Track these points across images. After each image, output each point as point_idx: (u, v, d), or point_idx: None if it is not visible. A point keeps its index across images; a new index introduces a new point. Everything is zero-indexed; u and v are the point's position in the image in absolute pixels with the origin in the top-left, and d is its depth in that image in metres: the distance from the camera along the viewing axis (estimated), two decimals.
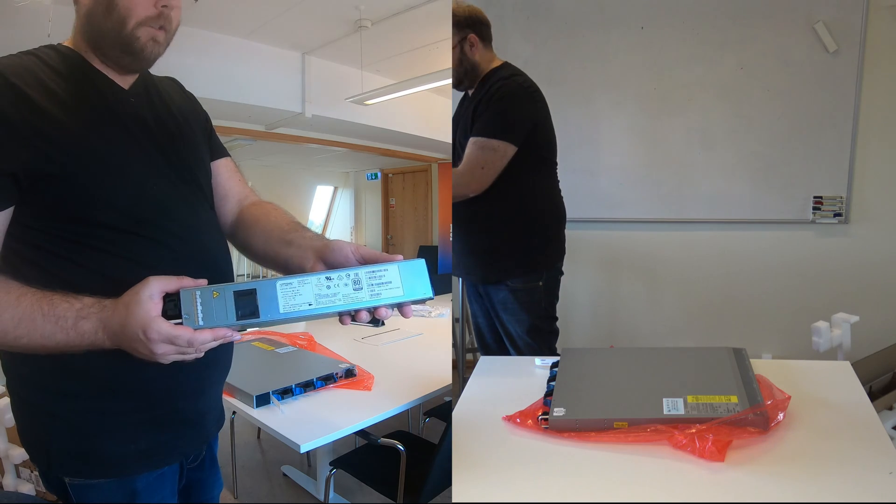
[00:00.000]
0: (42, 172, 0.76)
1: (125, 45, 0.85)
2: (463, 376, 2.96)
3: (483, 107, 1.59)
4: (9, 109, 0.74)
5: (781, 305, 2.81)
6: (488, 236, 1.63)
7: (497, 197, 1.60)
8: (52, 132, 0.77)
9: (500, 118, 1.56)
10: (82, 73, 0.86)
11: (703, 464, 0.97)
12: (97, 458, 0.83)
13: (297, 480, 2.39)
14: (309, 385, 1.61)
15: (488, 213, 1.62)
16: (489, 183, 1.57)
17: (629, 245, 2.95)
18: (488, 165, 1.56)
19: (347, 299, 0.76)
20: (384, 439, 1.63)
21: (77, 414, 0.82)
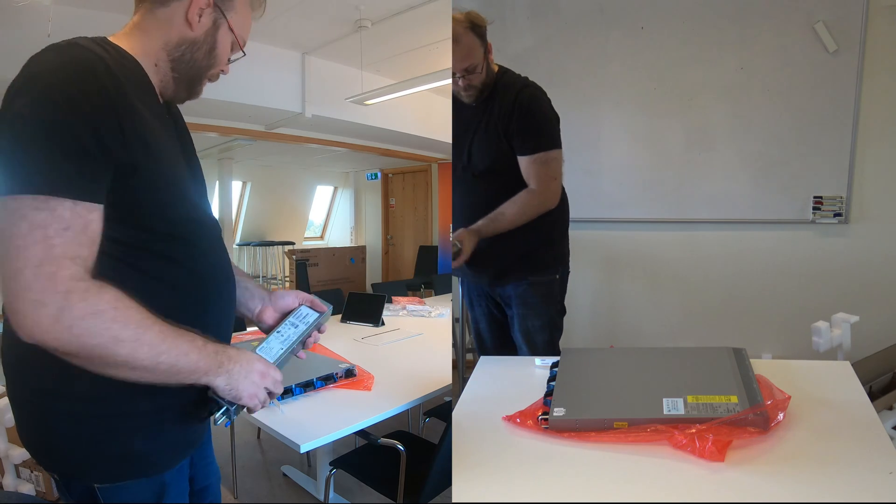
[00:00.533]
0: (130, 169, 0.75)
1: (199, 81, 0.95)
2: (463, 376, 2.96)
3: (525, 120, 1.58)
4: (114, 95, 0.74)
5: (781, 305, 2.81)
6: (524, 238, 1.63)
7: (515, 192, 1.64)
8: (143, 131, 0.77)
9: (548, 128, 1.61)
10: (145, 81, 0.88)
11: (703, 464, 0.97)
12: (130, 459, 0.82)
13: (297, 480, 2.39)
14: (309, 385, 1.61)
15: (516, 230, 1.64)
16: (560, 192, 1.66)
17: (629, 245, 2.95)
18: (559, 176, 1.64)
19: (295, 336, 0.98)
20: (384, 439, 1.63)
21: (108, 417, 0.80)
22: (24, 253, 0.65)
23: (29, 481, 2.10)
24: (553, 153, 1.61)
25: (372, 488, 1.68)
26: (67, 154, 0.68)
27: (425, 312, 3.00)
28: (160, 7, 0.89)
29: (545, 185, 1.62)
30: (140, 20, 0.91)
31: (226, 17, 0.93)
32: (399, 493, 1.57)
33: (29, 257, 0.65)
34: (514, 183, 1.62)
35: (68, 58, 0.75)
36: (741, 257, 2.85)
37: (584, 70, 2.82)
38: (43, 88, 0.72)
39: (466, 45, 1.57)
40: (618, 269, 2.99)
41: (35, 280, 0.65)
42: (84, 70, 0.73)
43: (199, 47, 0.92)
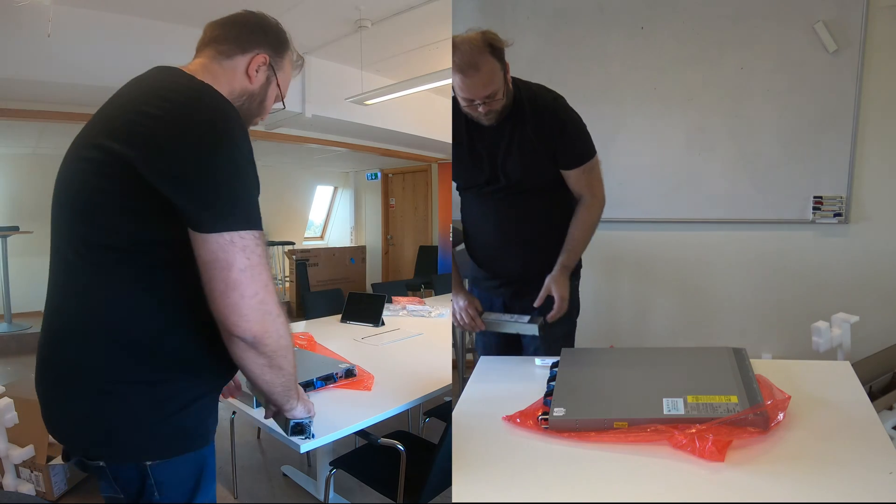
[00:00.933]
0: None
1: (247, 126, 1.04)
2: (463, 376, 2.96)
3: (567, 135, 1.54)
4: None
5: (781, 305, 2.81)
6: (551, 250, 1.60)
7: (561, 205, 1.62)
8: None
9: (586, 136, 1.58)
10: None
11: (703, 464, 0.97)
12: (178, 436, 0.91)
13: (297, 480, 2.39)
14: (309, 385, 1.61)
15: (560, 224, 1.61)
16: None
17: (629, 245, 2.95)
18: (602, 177, 1.64)
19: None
20: (384, 439, 1.63)
21: (162, 400, 0.88)
22: (260, 277, 0.85)
23: (29, 481, 2.10)
24: (595, 158, 1.60)
25: (372, 488, 1.67)
26: (256, 191, 0.89)
27: (425, 312, 3.00)
28: (226, 59, 1.03)
29: (599, 192, 1.61)
30: (208, 64, 1.03)
31: (276, 75, 1.09)
32: (399, 493, 1.57)
33: (263, 281, 0.86)
34: (560, 196, 1.61)
35: (222, 99, 0.92)
36: (741, 257, 2.85)
37: (584, 70, 2.82)
38: (233, 128, 0.88)
39: (487, 73, 1.42)
40: (618, 269, 2.99)
41: (268, 296, 0.86)
42: (236, 112, 0.92)
43: (255, 98, 1.07)
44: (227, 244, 0.83)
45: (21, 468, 2.09)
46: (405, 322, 2.79)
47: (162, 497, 0.91)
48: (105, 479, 0.93)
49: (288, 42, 1.13)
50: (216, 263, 0.83)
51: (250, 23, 1.08)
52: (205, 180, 0.83)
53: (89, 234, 0.86)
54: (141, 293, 0.87)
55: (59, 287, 0.92)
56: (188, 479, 0.93)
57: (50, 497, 2.12)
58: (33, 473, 2.11)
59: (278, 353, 0.91)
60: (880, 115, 2.60)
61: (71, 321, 0.89)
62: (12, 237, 5.07)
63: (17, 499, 1.41)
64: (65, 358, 0.89)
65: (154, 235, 0.85)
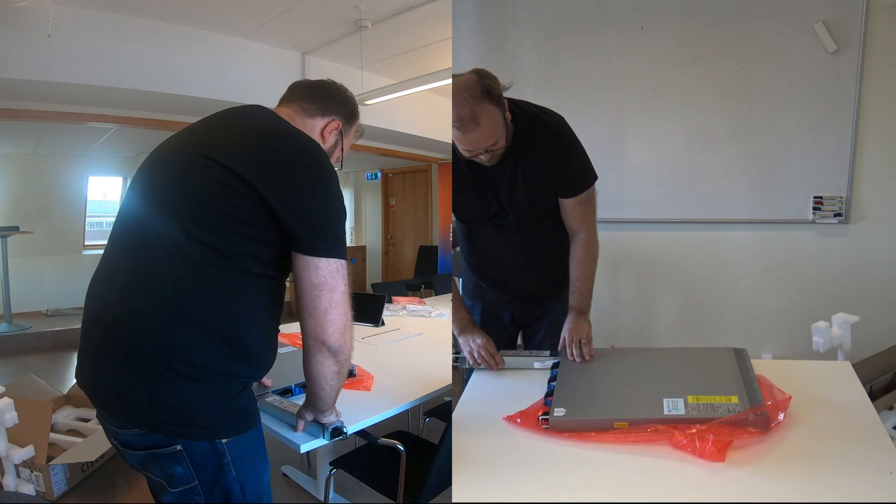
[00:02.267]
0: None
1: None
2: (463, 376, 2.96)
3: (565, 162, 1.47)
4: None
5: (781, 305, 2.81)
6: (560, 265, 1.58)
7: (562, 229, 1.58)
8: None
9: (585, 166, 1.51)
10: None
11: (703, 464, 0.97)
12: (243, 415, 1.05)
13: (297, 480, 2.39)
14: None
15: (566, 248, 1.58)
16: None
17: (629, 245, 2.95)
18: (596, 208, 1.58)
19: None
20: (384, 439, 1.63)
21: (235, 386, 1.03)
22: (349, 301, 1.06)
23: (29, 481, 2.10)
24: (593, 188, 1.53)
25: (372, 488, 1.67)
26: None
27: (425, 312, 2.99)
28: (308, 118, 1.21)
29: (593, 225, 1.55)
30: (293, 116, 1.19)
31: (343, 140, 1.27)
32: (399, 493, 1.57)
33: (350, 304, 1.07)
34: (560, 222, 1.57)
35: (313, 140, 1.13)
36: (741, 257, 2.85)
37: (584, 70, 2.82)
38: (335, 173, 1.09)
39: (487, 125, 1.30)
40: (618, 268, 2.99)
41: (351, 318, 1.08)
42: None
43: (335, 146, 1.27)
44: (334, 270, 1.03)
45: (21, 468, 2.09)
46: (405, 322, 2.79)
47: (237, 471, 1.03)
48: (181, 465, 1.00)
49: (358, 114, 1.31)
50: (325, 286, 1.02)
51: (333, 92, 1.26)
52: (321, 214, 1.03)
53: (203, 238, 0.98)
54: (230, 295, 1.01)
55: (136, 277, 1.01)
56: (253, 452, 1.07)
57: (50, 497, 2.12)
58: (33, 473, 2.11)
59: (345, 365, 1.12)
60: (880, 115, 2.60)
61: (159, 310, 0.98)
62: (12, 237, 5.06)
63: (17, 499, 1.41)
64: (147, 341, 0.97)
65: (254, 251, 1.01)
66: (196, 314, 0.98)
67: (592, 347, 1.40)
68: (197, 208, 1.00)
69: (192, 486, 1.01)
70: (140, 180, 1.11)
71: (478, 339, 1.50)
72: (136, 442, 1.01)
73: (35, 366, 4.10)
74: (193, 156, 1.05)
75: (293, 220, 1.00)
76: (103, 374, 1.00)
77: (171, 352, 0.96)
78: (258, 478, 1.08)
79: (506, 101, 1.37)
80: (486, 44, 2.85)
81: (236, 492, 1.03)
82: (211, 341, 0.99)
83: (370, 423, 1.44)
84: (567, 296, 1.54)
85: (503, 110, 1.35)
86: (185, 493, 1.01)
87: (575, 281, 1.51)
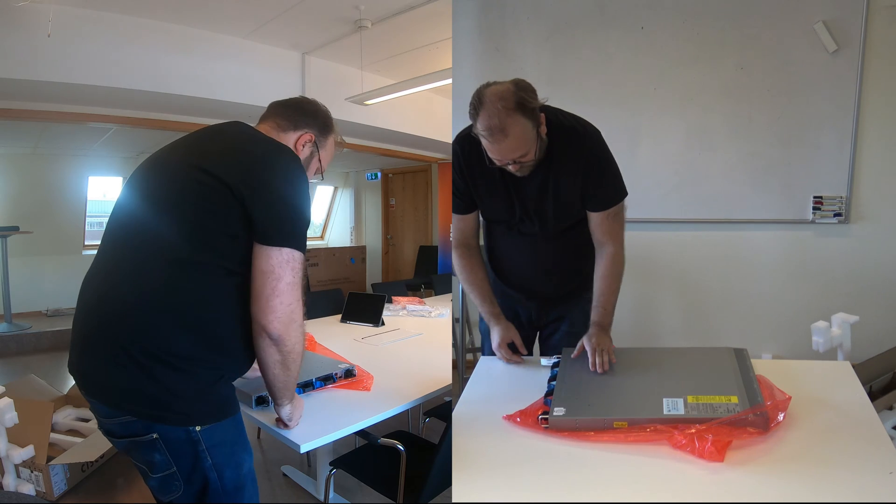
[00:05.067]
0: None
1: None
2: (463, 376, 2.96)
3: (597, 176, 1.44)
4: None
5: (781, 305, 2.81)
6: (585, 265, 1.56)
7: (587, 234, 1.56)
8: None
9: (617, 181, 1.48)
10: None
11: (702, 464, 0.97)
12: (221, 403, 1.10)
13: (297, 480, 2.39)
14: (308, 385, 1.61)
15: (586, 257, 1.56)
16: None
17: (629, 245, 2.92)
18: (624, 225, 1.54)
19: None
20: (384, 439, 1.63)
21: (210, 375, 1.08)
22: (295, 292, 1.09)
23: (29, 481, 2.10)
24: (622, 203, 1.49)
25: (372, 488, 1.67)
26: (309, 223, 1.15)
27: (425, 312, 2.99)
28: (282, 132, 1.27)
29: (621, 240, 1.50)
30: (269, 132, 1.26)
31: (318, 151, 1.32)
32: (399, 493, 1.57)
33: (297, 295, 1.10)
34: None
35: (285, 146, 1.21)
36: (741, 257, 2.85)
37: (584, 70, 2.82)
38: (304, 172, 1.16)
39: (516, 137, 1.28)
40: None
41: (297, 308, 1.10)
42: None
43: (311, 160, 1.32)
44: (283, 261, 1.07)
45: (21, 468, 2.09)
46: (405, 322, 2.79)
47: (213, 459, 1.07)
48: (159, 452, 1.05)
49: (332, 126, 1.36)
50: (272, 274, 1.06)
51: (304, 107, 1.32)
52: (282, 208, 1.08)
53: (185, 235, 1.05)
54: (207, 289, 1.07)
55: (127, 272, 1.08)
56: (231, 440, 1.11)
57: (50, 497, 2.12)
58: (33, 473, 2.11)
59: (291, 355, 1.13)
60: (880, 115, 2.60)
61: (144, 303, 1.04)
62: (12, 237, 5.06)
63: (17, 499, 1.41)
64: (131, 330, 1.03)
65: (230, 247, 1.07)
66: (175, 306, 1.04)
67: (614, 358, 1.37)
68: (179, 207, 1.07)
69: (170, 472, 1.06)
70: (134, 183, 1.19)
71: (495, 337, 1.52)
72: (117, 430, 1.07)
73: (35, 366, 4.09)
74: (179, 162, 1.14)
75: (257, 212, 1.06)
76: (91, 361, 1.08)
77: (150, 341, 1.03)
78: (237, 465, 1.12)
79: (542, 115, 1.35)
80: (486, 44, 2.85)
81: (214, 479, 1.08)
82: (187, 331, 1.05)
83: (370, 423, 1.44)
84: (584, 299, 1.53)
85: (537, 124, 1.32)
86: (165, 479, 1.07)
87: (599, 295, 1.48)
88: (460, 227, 1.59)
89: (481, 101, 1.28)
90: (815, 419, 1.10)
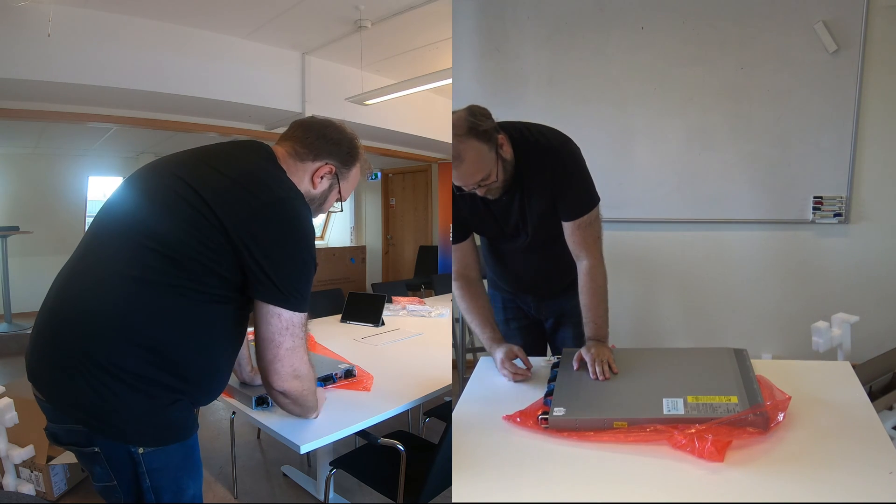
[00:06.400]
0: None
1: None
2: (463, 376, 2.96)
3: (564, 185, 1.45)
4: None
5: (781, 305, 2.81)
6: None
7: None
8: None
9: (586, 189, 1.48)
10: None
11: (702, 464, 0.97)
12: (170, 427, 1.05)
13: (297, 480, 2.39)
14: None
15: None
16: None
17: (629, 245, 2.96)
18: (601, 233, 1.53)
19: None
20: (384, 439, 1.63)
21: (161, 397, 1.02)
22: (297, 354, 1.12)
23: (29, 481, 2.10)
24: (594, 213, 1.49)
25: (372, 488, 1.67)
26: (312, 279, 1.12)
27: (425, 312, 2.99)
28: (298, 161, 1.20)
29: (597, 252, 1.49)
30: (286, 157, 1.20)
31: (339, 183, 1.25)
32: (399, 493, 1.57)
33: (300, 356, 1.13)
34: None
35: (306, 204, 1.14)
36: (741, 257, 2.85)
37: (584, 70, 2.82)
38: (311, 231, 1.11)
39: (472, 161, 1.30)
40: (618, 269, 2.97)
41: (301, 367, 1.14)
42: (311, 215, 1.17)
43: (314, 201, 1.24)
44: (282, 328, 1.07)
45: (21, 468, 2.09)
46: (405, 322, 2.79)
47: (152, 482, 1.03)
48: (99, 465, 1.03)
49: (357, 154, 1.28)
50: (272, 341, 1.08)
51: (326, 135, 1.23)
52: (282, 263, 1.05)
53: (164, 253, 1.01)
54: (181, 316, 1.03)
55: (96, 281, 1.04)
56: (174, 466, 1.06)
57: (50, 497, 2.12)
58: (33, 473, 2.11)
59: (299, 400, 1.21)
60: (880, 115, 2.60)
61: (105, 315, 1.00)
62: (12, 237, 5.06)
63: (17, 499, 1.41)
64: (84, 338, 1.00)
65: (210, 277, 1.03)
66: (135, 323, 1.00)
67: (616, 367, 1.35)
68: (163, 224, 1.04)
69: (111, 485, 1.04)
70: (122, 192, 1.16)
71: (498, 354, 1.45)
72: (62, 436, 1.06)
73: None
74: (174, 179, 1.09)
75: (254, 265, 1.03)
76: (42, 362, 1.06)
77: (100, 352, 0.99)
78: (178, 491, 1.08)
79: (500, 136, 1.35)
80: (486, 44, 2.85)
81: (150, 500, 1.05)
82: (142, 349, 1.00)
83: (370, 424, 1.45)
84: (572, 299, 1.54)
85: (494, 145, 1.33)
86: (107, 489, 1.05)
87: (587, 311, 1.46)
88: (458, 256, 1.57)
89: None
90: (814, 419, 1.10)
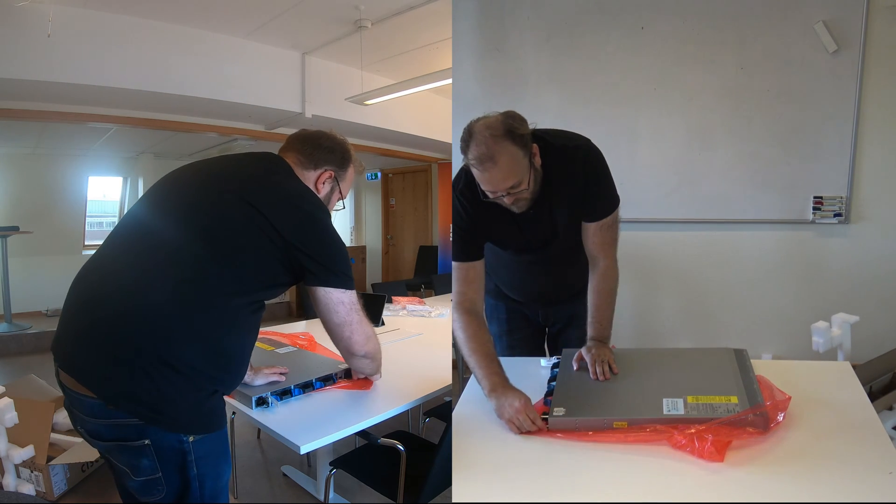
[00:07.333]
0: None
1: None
2: (463, 376, 2.96)
3: (592, 188, 1.43)
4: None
5: (781, 305, 2.81)
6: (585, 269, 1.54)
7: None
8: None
9: (611, 188, 1.47)
10: None
11: (702, 464, 0.97)
12: (213, 416, 1.13)
13: (297, 480, 2.39)
14: (308, 386, 1.61)
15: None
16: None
17: (629, 245, 2.93)
18: (618, 235, 1.51)
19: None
20: (384, 439, 1.63)
21: (206, 387, 1.10)
22: (363, 325, 1.36)
23: (29, 481, 2.10)
24: (616, 212, 1.47)
25: (372, 488, 1.67)
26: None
27: (425, 312, 2.99)
28: (304, 170, 1.35)
29: (613, 254, 1.47)
30: (295, 165, 1.34)
31: (339, 185, 1.42)
32: (399, 493, 1.57)
33: (366, 324, 1.37)
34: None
35: (318, 198, 1.33)
36: (741, 257, 2.85)
37: (584, 70, 2.82)
38: (329, 220, 1.30)
39: (506, 165, 1.25)
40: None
41: (370, 332, 1.40)
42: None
43: (329, 198, 1.41)
44: (348, 309, 1.29)
45: (21, 468, 2.09)
46: (405, 322, 2.79)
47: (198, 469, 1.10)
48: (147, 457, 1.06)
49: (350, 157, 1.44)
50: (345, 323, 1.30)
51: (321, 144, 1.39)
52: (334, 258, 1.25)
53: (216, 256, 1.12)
54: (227, 313, 1.13)
55: (145, 277, 1.10)
56: (216, 453, 1.15)
57: (50, 497, 2.12)
58: (33, 473, 2.11)
59: (377, 356, 1.47)
60: (880, 115, 2.60)
61: (160, 310, 1.07)
62: (12, 237, 5.06)
63: (17, 499, 1.41)
64: (145, 337, 1.05)
65: (255, 276, 1.16)
66: (193, 318, 1.09)
67: (616, 367, 1.34)
68: (219, 229, 1.14)
69: (155, 477, 1.08)
70: (164, 193, 1.25)
71: (515, 402, 1.21)
72: (105, 433, 1.07)
73: (35, 366, 4.09)
74: (231, 196, 1.19)
75: (309, 261, 1.20)
76: (88, 355, 1.06)
77: (166, 347, 1.05)
78: (217, 476, 1.17)
79: (534, 146, 1.33)
80: (486, 44, 2.85)
81: (195, 488, 1.11)
82: (197, 342, 1.09)
83: (370, 424, 1.45)
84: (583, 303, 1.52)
85: (528, 152, 1.30)
86: (148, 483, 1.08)
87: (594, 311, 1.45)
88: (464, 280, 1.42)
89: (471, 133, 1.25)
90: (814, 419, 1.10)
